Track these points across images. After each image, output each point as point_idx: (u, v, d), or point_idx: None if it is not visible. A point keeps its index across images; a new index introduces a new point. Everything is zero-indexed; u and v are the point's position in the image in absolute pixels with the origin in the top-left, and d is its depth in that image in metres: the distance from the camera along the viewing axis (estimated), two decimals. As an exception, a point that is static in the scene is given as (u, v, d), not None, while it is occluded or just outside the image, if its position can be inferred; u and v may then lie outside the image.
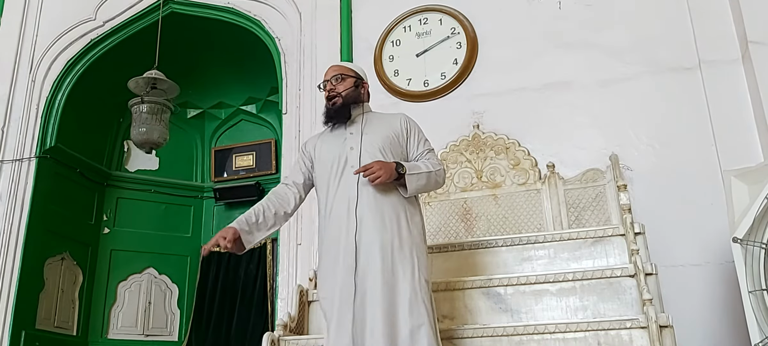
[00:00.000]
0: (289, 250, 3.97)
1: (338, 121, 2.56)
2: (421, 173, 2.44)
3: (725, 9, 3.60)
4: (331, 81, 2.59)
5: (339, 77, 2.59)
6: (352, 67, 2.70)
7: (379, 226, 2.35)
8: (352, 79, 2.61)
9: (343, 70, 2.63)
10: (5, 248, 4.48)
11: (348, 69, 2.65)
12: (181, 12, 4.87)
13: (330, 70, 2.66)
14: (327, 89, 2.59)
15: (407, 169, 2.40)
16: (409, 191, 2.41)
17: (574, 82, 3.79)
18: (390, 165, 2.37)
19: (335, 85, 2.58)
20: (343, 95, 2.56)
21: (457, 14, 4.13)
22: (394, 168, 2.37)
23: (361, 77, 2.66)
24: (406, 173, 2.39)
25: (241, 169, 5.76)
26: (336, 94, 2.56)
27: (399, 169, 2.38)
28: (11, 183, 4.63)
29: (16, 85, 4.89)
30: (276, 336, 2.88)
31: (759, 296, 2.43)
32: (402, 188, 2.42)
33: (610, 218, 3.30)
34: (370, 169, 2.33)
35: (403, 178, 2.39)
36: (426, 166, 2.49)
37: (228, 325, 5.37)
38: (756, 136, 3.33)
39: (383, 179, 2.33)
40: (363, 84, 2.65)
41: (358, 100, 2.61)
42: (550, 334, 2.53)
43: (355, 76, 2.63)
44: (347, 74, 2.61)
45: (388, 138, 2.53)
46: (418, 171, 2.45)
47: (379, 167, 2.34)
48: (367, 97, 2.68)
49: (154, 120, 4.26)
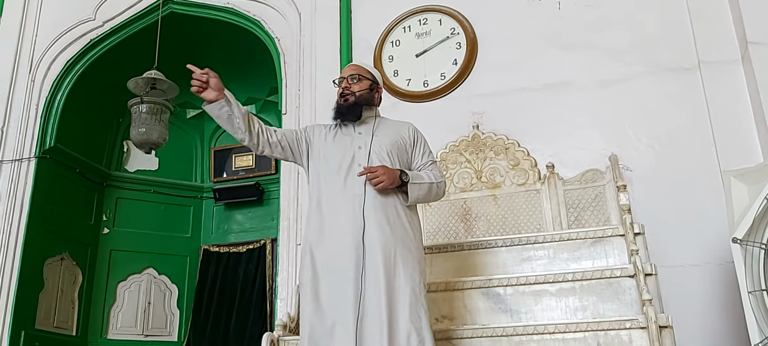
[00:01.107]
0: (288, 250, 3.97)
1: (348, 119, 2.57)
2: (423, 183, 2.49)
3: (725, 10, 3.60)
4: (348, 79, 2.61)
5: (356, 77, 2.61)
6: (370, 70, 2.71)
7: (383, 227, 2.36)
8: (368, 81, 2.63)
9: (361, 71, 2.64)
10: (5, 248, 4.47)
11: (366, 71, 2.67)
12: (180, 12, 4.87)
13: (348, 68, 2.70)
14: (342, 86, 2.61)
15: (411, 177, 2.44)
16: (411, 199, 2.45)
17: (574, 83, 3.79)
18: (394, 172, 2.41)
19: (351, 84, 2.59)
20: (357, 95, 2.58)
21: (457, 15, 4.13)
22: (397, 175, 2.41)
23: (377, 82, 2.68)
24: (409, 181, 2.43)
25: (240, 169, 5.77)
26: (350, 93, 2.57)
27: (402, 176, 2.42)
28: (11, 183, 4.62)
29: (15, 85, 4.88)
30: (275, 336, 2.88)
31: (759, 296, 2.43)
32: (403, 195, 2.46)
33: (610, 218, 3.29)
34: (375, 172, 2.36)
35: (406, 186, 2.42)
36: (429, 177, 2.54)
37: (226, 325, 5.36)
38: (755, 136, 3.33)
39: (386, 185, 2.36)
40: (378, 89, 2.68)
41: (371, 103, 2.63)
42: (549, 334, 2.54)
43: (372, 79, 2.66)
44: (364, 76, 2.63)
45: (396, 143, 2.56)
46: (421, 181, 2.49)
47: (384, 172, 2.37)
48: (379, 102, 2.70)
49: (153, 120, 4.26)
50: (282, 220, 4.08)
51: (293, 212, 4.00)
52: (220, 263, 5.57)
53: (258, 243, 5.54)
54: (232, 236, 5.73)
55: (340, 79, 2.64)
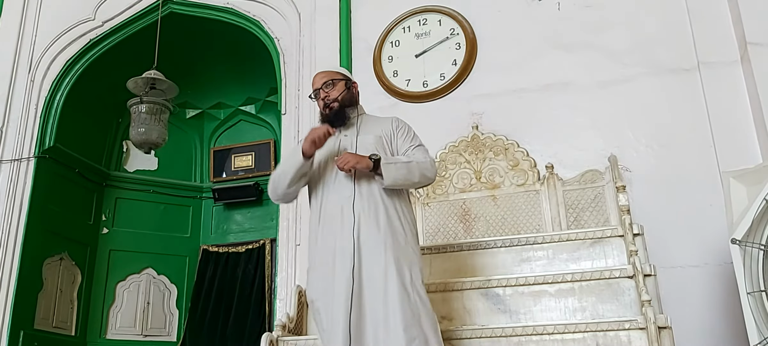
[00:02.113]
0: (288, 251, 3.97)
1: (337, 124, 2.55)
2: (399, 163, 2.42)
3: (724, 11, 3.60)
4: (323, 89, 2.58)
5: (329, 83, 2.58)
6: (338, 70, 2.68)
7: (374, 224, 2.35)
8: (342, 82, 2.60)
9: (331, 76, 2.61)
10: (4, 248, 4.47)
11: (335, 73, 2.64)
12: (180, 12, 4.87)
13: (317, 78, 2.63)
14: (321, 98, 2.58)
15: (383, 158, 2.39)
16: (387, 180, 2.37)
17: (573, 83, 3.79)
18: (362, 156, 2.38)
19: (329, 92, 2.57)
20: (340, 99, 2.56)
21: (456, 15, 4.13)
22: (366, 159, 2.37)
23: (350, 78, 2.66)
24: (382, 161, 2.37)
25: (239, 169, 5.76)
26: (332, 100, 2.55)
27: (372, 156, 2.37)
28: (10, 183, 4.63)
29: (15, 85, 4.89)
30: (275, 337, 2.88)
31: (758, 297, 2.43)
32: (380, 177, 2.40)
33: (609, 219, 3.29)
34: (341, 158, 2.36)
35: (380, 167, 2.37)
36: (408, 158, 2.47)
37: (224, 325, 5.36)
38: (755, 137, 3.33)
39: (352, 164, 2.34)
40: (353, 84, 2.65)
41: (353, 102, 2.62)
42: (548, 335, 2.53)
43: (344, 78, 2.63)
44: (336, 79, 2.60)
45: (381, 138, 2.54)
46: (397, 161, 2.43)
47: (347, 155, 2.36)
48: (358, 97, 2.68)
49: (153, 120, 4.25)
50: (281, 220, 4.08)
51: (292, 213, 4.00)
52: (219, 263, 5.57)
53: (257, 243, 5.54)
54: (231, 236, 5.74)
55: (315, 92, 2.60)
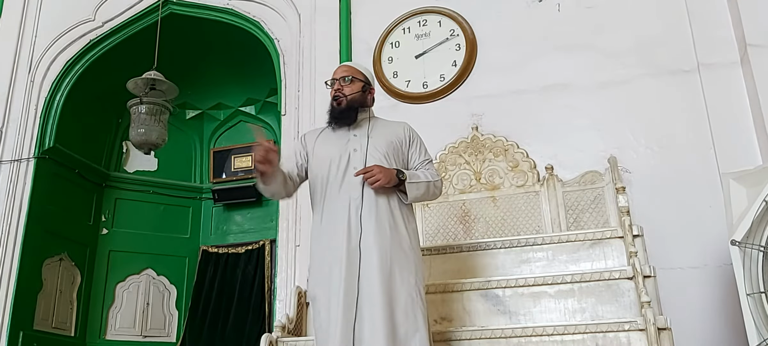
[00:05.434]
0: (287, 251, 3.96)
1: (343, 123, 2.54)
2: (420, 182, 2.47)
3: (724, 12, 3.60)
4: (340, 81, 2.57)
5: (349, 78, 2.56)
6: (362, 70, 2.65)
7: (378, 230, 2.34)
8: (360, 83, 2.59)
9: (353, 72, 2.60)
10: (3, 249, 4.47)
11: (358, 72, 2.62)
12: (180, 13, 4.87)
13: (340, 69, 2.64)
14: (334, 88, 2.58)
15: (408, 176, 2.43)
16: (410, 198, 2.44)
17: (573, 84, 3.79)
18: (390, 170, 2.39)
19: (343, 86, 2.55)
20: (349, 98, 2.53)
21: (456, 16, 4.13)
22: (394, 174, 2.39)
23: (370, 83, 2.64)
24: (407, 180, 2.41)
25: (239, 170, 5.76)
26: (341, 96, 2.54)
27: (399, 175, 2.40)
28: (10, 183, 4.62)
29: (14, 85, 4.88)
30: (274, 337, 2.88)
31: (757, 298, 2.43)
32: (402, 194, 2.44)
33: (609, 220, 3.29)
34: (371, 172, 2.35)
35: (404, 185, 2.41)
36: (425, 176, 2.52)
37: (223, 325, 5.36)
38: (754, 138, 3.34)
39: (382, 183, 2.34)
40: (370, 90, 2.64)
41: (363, 104, 2.59)
42: (548, 336, 2.53)
43: (364, 80, 2.61)
44: (356, 77, 2.59)
45: (392, 144, 2.53)
46: (418, 180, 2.47)
47: (379, 171, 2.35)
48: (372, 103, 2.66)
49: (152, 121, 4.25)
50: (281, 221, 4.07)
51: (292, 214, 4.00)
52: (218, 264, 5.56)
53: (257, 244, 5.54)
54: (231, 236, 5.73)
55: (333, 80, 2.59)
